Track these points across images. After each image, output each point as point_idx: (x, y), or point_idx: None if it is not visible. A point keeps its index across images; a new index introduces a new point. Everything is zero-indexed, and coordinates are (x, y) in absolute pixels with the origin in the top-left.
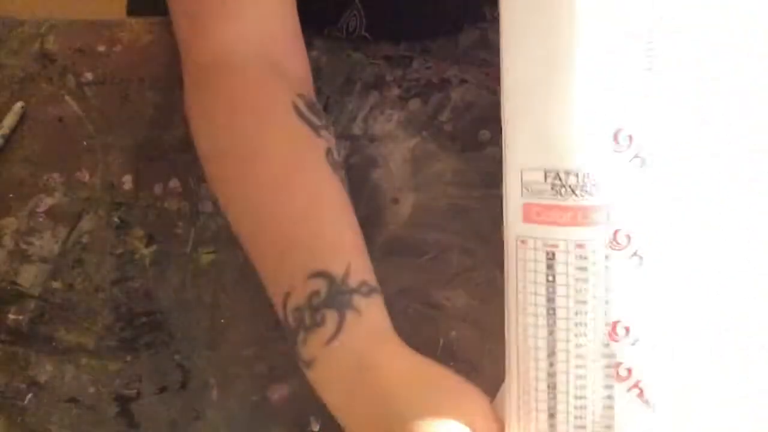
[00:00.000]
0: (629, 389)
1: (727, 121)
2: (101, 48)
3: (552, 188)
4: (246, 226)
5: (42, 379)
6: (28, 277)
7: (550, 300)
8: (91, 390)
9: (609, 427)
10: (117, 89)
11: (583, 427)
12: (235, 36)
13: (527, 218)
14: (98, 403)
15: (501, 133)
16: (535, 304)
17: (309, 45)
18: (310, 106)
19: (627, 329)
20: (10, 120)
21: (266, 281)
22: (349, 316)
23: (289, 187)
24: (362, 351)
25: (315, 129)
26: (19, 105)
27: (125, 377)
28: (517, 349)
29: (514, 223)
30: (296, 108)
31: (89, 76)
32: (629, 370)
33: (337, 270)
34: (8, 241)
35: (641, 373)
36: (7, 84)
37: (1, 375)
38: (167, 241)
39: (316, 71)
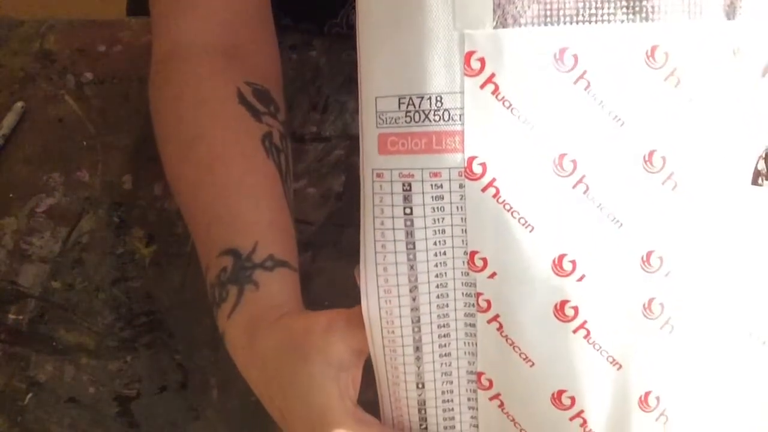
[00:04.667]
0: (489, 321)
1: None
2: (101, 48)
3: (406, 115)
4: (182, 203)
5: (42, 379)
6: (28, 277)
7: (409, 234)
8: (91, 390)
9: (473, 353)
10: (117, 89)
11: (448, 354)
12: (195, 26)
13: (383, 149)
14: (98, 403)
15: None
16: (395, 240)
17: (309, 45)
18: (258, 93)
19: (484, 260)
20: (10, 120)
21: (199, 257)
22: (247, 290)
23: (218, 166)
24: (251, 325)
25: (255, 114)
26: (19, 105)
27: (125, 377)
28: (376, 285)
29: (370, 157)
30: (239, 94)
31: (89, 75)
32: (488, 302)
33: (244, 246)
34: (8, 241)
35: (500, 307)
36: (7, 84)
37: (1, 375)
38: (167, 241)
39: (316, 71)
